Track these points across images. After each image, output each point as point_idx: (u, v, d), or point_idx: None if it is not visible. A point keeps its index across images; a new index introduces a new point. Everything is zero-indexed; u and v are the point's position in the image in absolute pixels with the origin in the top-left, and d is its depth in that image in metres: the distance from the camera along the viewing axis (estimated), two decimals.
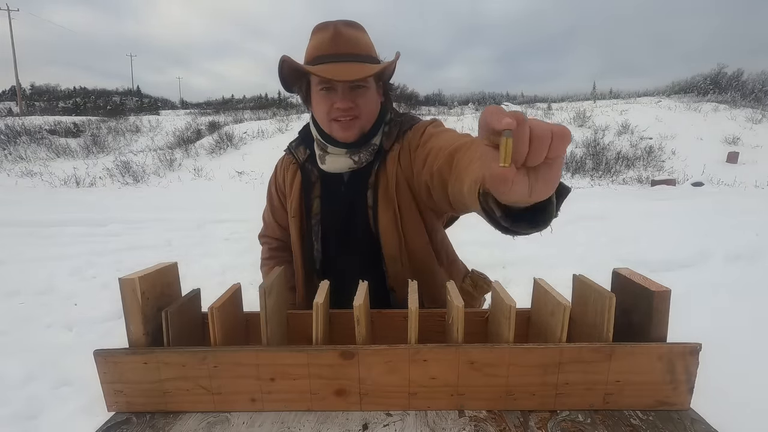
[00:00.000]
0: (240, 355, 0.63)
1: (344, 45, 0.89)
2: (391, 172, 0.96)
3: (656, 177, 12.24)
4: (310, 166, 1.03)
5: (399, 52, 0.98)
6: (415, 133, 0.96)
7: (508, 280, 2.86)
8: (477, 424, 0.61)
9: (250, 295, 0.80)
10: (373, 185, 0.97)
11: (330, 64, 0.88)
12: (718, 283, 2.91)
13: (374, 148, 0.97)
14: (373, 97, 0.95)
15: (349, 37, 0.90)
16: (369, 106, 0.94)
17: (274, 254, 1.23)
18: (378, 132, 0.98)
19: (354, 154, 0.96)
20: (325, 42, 0.89)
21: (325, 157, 0.98)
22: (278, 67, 0.92)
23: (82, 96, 42.49)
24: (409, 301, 0.66)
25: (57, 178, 12.21)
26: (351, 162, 0.96)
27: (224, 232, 5.06)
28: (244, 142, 15.26)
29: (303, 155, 1.05)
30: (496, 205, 0.51)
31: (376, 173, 0.97)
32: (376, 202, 0.96)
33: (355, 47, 0.90)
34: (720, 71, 24.67)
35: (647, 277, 0.68)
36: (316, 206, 1.02)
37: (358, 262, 1.01)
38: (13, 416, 1.56)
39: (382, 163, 0.97)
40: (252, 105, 28.66)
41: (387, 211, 0.96)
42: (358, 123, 0.93)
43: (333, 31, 0.89)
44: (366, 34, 0.95)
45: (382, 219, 0.96)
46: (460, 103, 28.07)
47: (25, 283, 3.06)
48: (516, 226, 0.52)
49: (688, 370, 0.62)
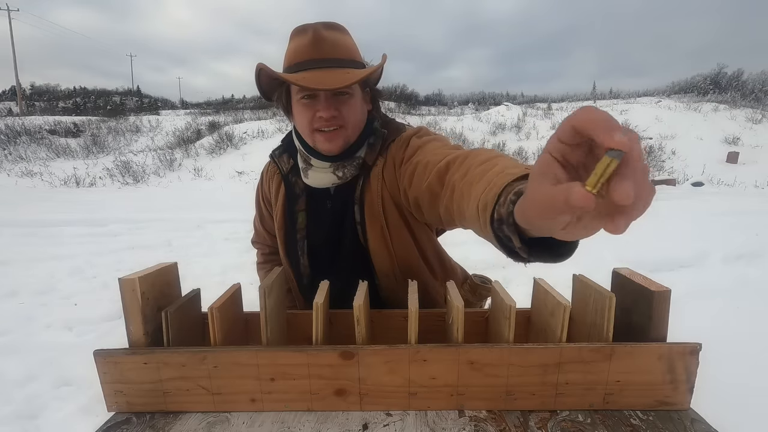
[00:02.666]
0: (240, 355, 0.63)
1: (325, 49, 0.82)
2: (375, 189, 0.90)
3: (656, 177, 12.23)
4: (294, 178, 0.97)
5: (385, 54, 0.92)
6: (398, 147, 0.90)
7: (508, 280, 2.86)
8: (477, 424, 0.61)
9: (250, 295, 0.80)
10: (359, 201, 0.91)
11: (311, 71, 0.82)
12: (718, 283, 2.91)
13: (359, 162, 0.91)
14: (358, 104, 0.89)
15: (330, 41, 0.83)
16: (354, 114, 0.88)
17: (269, 258, 1.20)
18: (363, 145, 0.92)
19: (338, 168, 0.90)
20: (304, 46, 0.82)
21: (308, 171, 0.92)
22: (255, 76, 0.85)
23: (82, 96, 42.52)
24: (409, 301, 0.66)
25: (57, 178, 12.21)
26: (335, 177, 0.91)
27: (224, 232, 5.05)
28: (244, 142, 15.25)
29: (287, 165, 0.98)
30: (514, 232, 0.42)
31: (362, 189, 0.91)
32: (364, 218, 0.91)
33: (337, 51, 0.84)
34: (720, 71, 24.70)
35: (647, 277, 0.68)
36: (301, 220, 0.97)
37: (348, 278, 0.89)
38: (13, 416, 1.56)
39: (366, 179, 0.91)
40: (252, 105, 28.63)
41: (375, 227, 0.91)
42: (343, 133, 0.87)
43: (312, 34, 0.82)
44: (349, 36, 0.88)
45: (370, 235, 0.91)
46: (460, 103, 28.08)
47: (25, 283, 3.06)
48: (534, 256, 0.44)
49: (688, 370, 0.62)
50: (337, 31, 0.86)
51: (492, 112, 18.67)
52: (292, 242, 0.99)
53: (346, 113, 0.86)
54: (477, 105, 26.24)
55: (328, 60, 0.83)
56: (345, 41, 0.86)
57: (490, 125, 16.73)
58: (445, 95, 33.84)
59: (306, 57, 0.82)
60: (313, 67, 0.82)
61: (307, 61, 0.82)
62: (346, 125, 0.86)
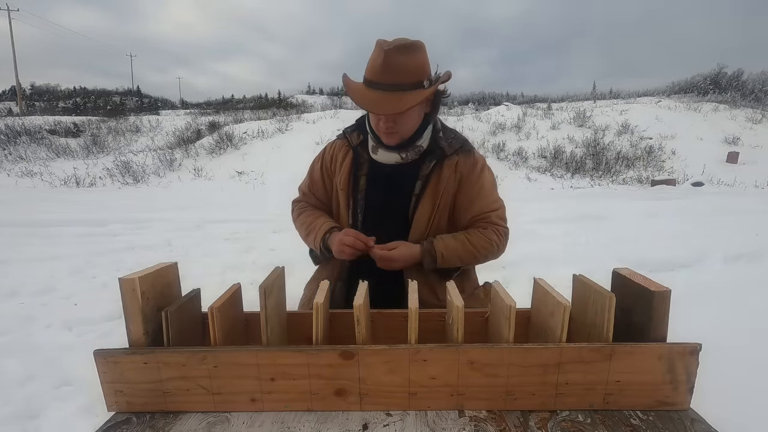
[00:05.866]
0: (240, 355, 0.63)
1: (391, 74, 1.00)
2: (445, 175, 1.13)
3: (656, 177, 12.23)
4: (361, 150, 1.21)
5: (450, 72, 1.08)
6: (472, 164, 1.16)
7: (508, 280, 2.85)
8: (477, 424, 0.61)
9: (250, 295, 0.79)
10: (424, 178, 1.14)
11: (375, 92, 1.02)
12: (718, 283, 2.91)
13: (420, 150, 1.14)
14: (414, 115, 1.09)
15: (398, 66, 1.00)
16: (408, 124, 1.09)
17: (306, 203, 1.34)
18: (421, 136, 1.13)
19: (403, 151, 1.13)
20: (376, 67, 1.01)
21: (378, 149, 1.16)
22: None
23: (82, 96, 42.49)
24: (409, 301, 0.66)
25: (57, 178, 12.20)
26: (399, 157, 1.14)
27: (224, 232, 5.05)
28: (244, 142, 15.24)
29: (356, 140, 1.21)
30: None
31: (432, 168, 1.13)
32: (423, 192, 1.13)
33: (402, 76, 1.00)
34: (720, 71, 24.68)
35: (647, 277, 0.68)
36: (362, 183, 1.19)
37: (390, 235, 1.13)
38: (13, 416, 1.56)
39: (439, 163, 1.14)
40: (252, 105, 28.63)
41: (429, 202, 1.13)
42: (398, 135, 1.10)
43: (384, 58, 0.99)
44: (418, 57, 1.03)
45: (421, 208, 1.13)
46: (460, 103, 28.06)
47: (25, 283, 3.05)
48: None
49: (688, 370, 0.62)
50: (407, 53, 1.00)
51: (492, 112, 18.66)
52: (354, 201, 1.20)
53: (401, 124, 1.08)
54: (477, 105, 26.24)
55: (392, 85, 1.01)
56: (412, 63, 1.01)
57: (490, 125, 16.72)
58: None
59: (375, 78, 1.02)
60: (378, 88, 1.02)
61: (375, 82, 1.02)
62: (401, 131, 1.09)
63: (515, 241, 1.35)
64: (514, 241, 1.28)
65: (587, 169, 13.29)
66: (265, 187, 11.05)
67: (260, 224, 5.39)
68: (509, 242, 1.22)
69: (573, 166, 13.35)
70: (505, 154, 14.33)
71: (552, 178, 12.75)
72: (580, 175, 13.00)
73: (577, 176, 12.92)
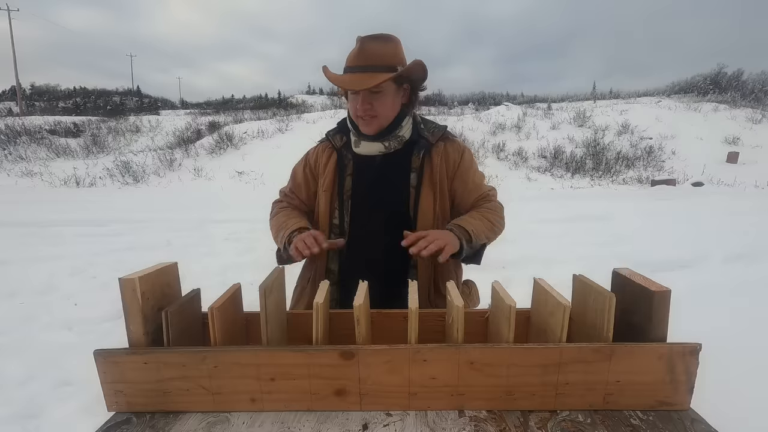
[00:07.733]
0: (240, 355, 0.63)
1: (366, 58, 1.06)
2: (436, 162, 1.15)
3: (656, 177, 12.24)
4: (345, 152, 1.22)
5: (420, 60, 1.10)
6: (455, 148, 1.18)
7: (508, 280, 2.85)
8: (477, 424, 0.61)
9: (250, 295, 0.80)
10: (417, 169, 1.15)
11: (351, 74, 1.08)
12: (718, 283, 2.91)
13: (402, 139, 1.16)
14: (390, 100, 1.11)
15: (371, 51, 1.07)
16: (385, 107, 1.11)
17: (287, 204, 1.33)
18: (400, 125, 1.15)
19: (384, 140, 1.15)
20: (353, 54, 1.08)
21: (359, 143, 1.17)
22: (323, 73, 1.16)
23: (82, 96, 42.49)
24: (409, 301, 0.66)
25: (57, 178, 12.21)
26: (382, 146, 1.15)
27: (224, 232, 5.05)
28: (244, 142, 15.25)
29: (340, 142, 1.23)
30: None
31: (422, 159, 1.15)
32: (420, 184, 1.14)
33: (375, 59, 1.06)
34: (720, 71, 24.69)
35: (647, 277, 0.68)
36: (348, 184, 1.19)
37: (384, 234, 1.13)
38: (13, 416, 1.56)
39: (427, 152, 1.16)
40: (252, 105, 28.63)
41: (429, 192, 1.14)
42: (377, 121, 1.12)
43: (359, 45, 1.07)
44: (391, 45, 1.09)
45: (423, 200, 1.14)
46: (460, 103, 28.07)
47: (25, 283, 3.05)
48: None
49: (688, 370, 0.62)
50: (380, 41, 1.08)
51: (492, 112, 18.66)
52: (338, 202, 1.20)
53: (378, 106, 1.10)
54: (477, 105, 26.22)
55: (366, 66, 1.06)
56: (385, 50, 1.08)
57: (490, 125, 16.72)
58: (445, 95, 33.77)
59: (352, 63, 1.08)
60: (354, 71, 1.08)
61: (351, 66, 1.08)
62: (378, 116, 1.11)
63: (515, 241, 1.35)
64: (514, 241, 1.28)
65: (587, 169, 13.30)
66: (265, 187, 11.05)
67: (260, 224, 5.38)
68: (509, 242, 1.23)
69: (573, 166, 13.36)
70: (505, 154, 14.33)
71: (552, 178, 12.76)
72: (580, 175, 13.01)
73: (577, 176, 12.93)
